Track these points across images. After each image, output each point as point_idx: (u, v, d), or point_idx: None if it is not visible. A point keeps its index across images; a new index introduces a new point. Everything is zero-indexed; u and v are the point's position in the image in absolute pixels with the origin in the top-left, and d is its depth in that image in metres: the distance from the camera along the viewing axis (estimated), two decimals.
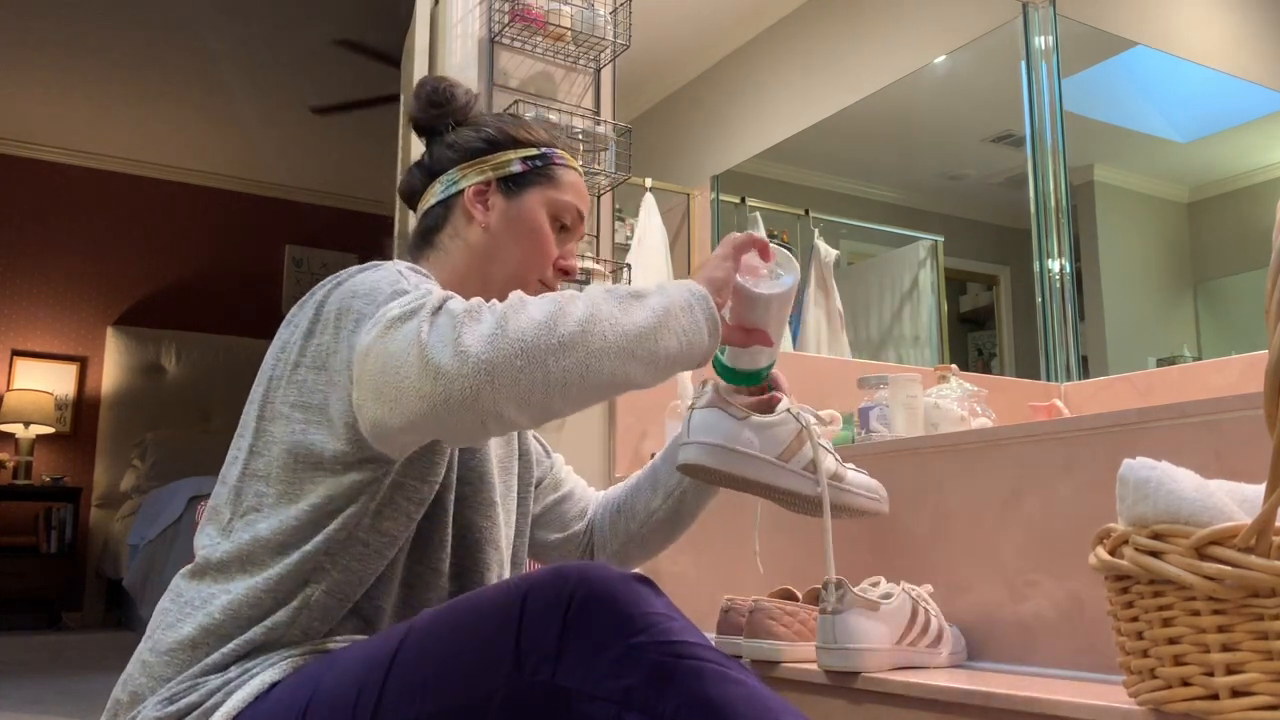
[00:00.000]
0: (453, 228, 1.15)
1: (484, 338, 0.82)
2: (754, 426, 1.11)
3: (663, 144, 2.89)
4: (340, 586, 0.95)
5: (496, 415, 0.83)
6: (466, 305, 0.86)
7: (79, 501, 5.41)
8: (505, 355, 0.82)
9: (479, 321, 0.84)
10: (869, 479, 1.20)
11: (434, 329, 0.84)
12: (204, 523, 1.01)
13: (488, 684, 0.81)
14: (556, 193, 1.17)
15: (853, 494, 1.17)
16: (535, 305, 0.86)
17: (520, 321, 0.84)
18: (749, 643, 1.32)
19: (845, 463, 1.19)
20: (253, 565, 0.95)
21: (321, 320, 0.97)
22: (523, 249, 1.14)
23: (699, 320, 0.93)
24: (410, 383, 0.83)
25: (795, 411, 1.13)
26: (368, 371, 0.87)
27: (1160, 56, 2.95)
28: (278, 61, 4.94)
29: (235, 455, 1.01)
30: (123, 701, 0.94)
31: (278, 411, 0.98)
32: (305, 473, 0.95)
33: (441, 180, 1.17)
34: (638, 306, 0.90)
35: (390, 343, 0.86)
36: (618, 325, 0.87)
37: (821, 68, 2.99)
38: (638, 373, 0.89)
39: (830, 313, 2.77)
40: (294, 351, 0.98)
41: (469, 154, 1.16)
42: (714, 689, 0.78)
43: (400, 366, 0.84)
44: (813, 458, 1.13)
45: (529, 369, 0.82)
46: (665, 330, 0.90)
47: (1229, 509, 0.83)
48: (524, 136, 1.18)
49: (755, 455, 1.10)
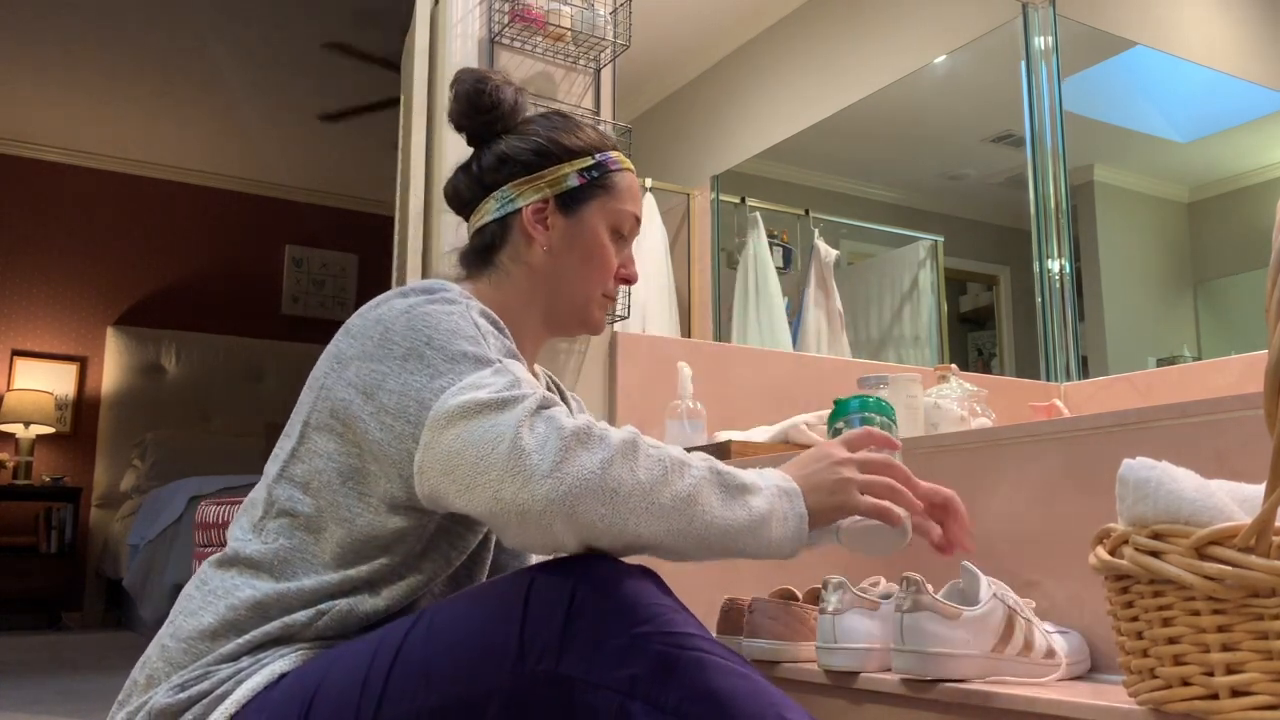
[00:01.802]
0: (513, 249, 1.14)
1: (584, 473, 0.81)
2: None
3: (663, 144, 2.89)
4: (367, 610, 0.96)
5: (556, 542, 0.83)
6: (576, 424, 0.84)
7: (79, 501, 5.41)
8: (595, 498, 0.81)
9: (587, 449, 0.83)
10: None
11: (535, 434, 0.83)
12: (240, 513, 1.02)
13: (492, 674, 0.82)
14: (616, 203, 1.15)
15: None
16: (645, 459, 0.85)
17: (623, 473, 0.83)
18: (749, 642, 1.32)
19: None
20: (285, 574, 0.96)
21: (386, 346, 0.93)
22: (587, 267, 1.14)
23: (788, 537, 0.90)
24: (490, 479, 0.82)
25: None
26: (443, 445, 0.85)
27: (1160, 56, 2.95)
28: (278, 62, 4.94)
29: (277, 454, 1.01)
30: (139, 682, 0.95)
31: (325, 424, 0.97)
32: (351, 498, 0.95)
33: (496, 197, 1.14)
34: (739, 505, 0.88)
35: (479, 428, 0.84)
36: (710, 515, 0.86)
37: (821, 68, 2.99)
38: (697, 556, 0.88)
39: (830, 313, 2.77)
40: (350, 369, 0.95)
41: (523, 169, 1.13)
42: (717, 680, 0.79)
43: (484, 457, 0.83)
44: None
45: (610, 518, 0.82)
46: (750, 536, 0.88)
47: (1229, 509, 0.83)
48: (576, 145, 1.15)
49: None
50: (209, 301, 6.19)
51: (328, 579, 0.95)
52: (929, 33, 3.00)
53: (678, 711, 0.78)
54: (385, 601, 0.96)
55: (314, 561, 0.96)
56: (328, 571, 0.95)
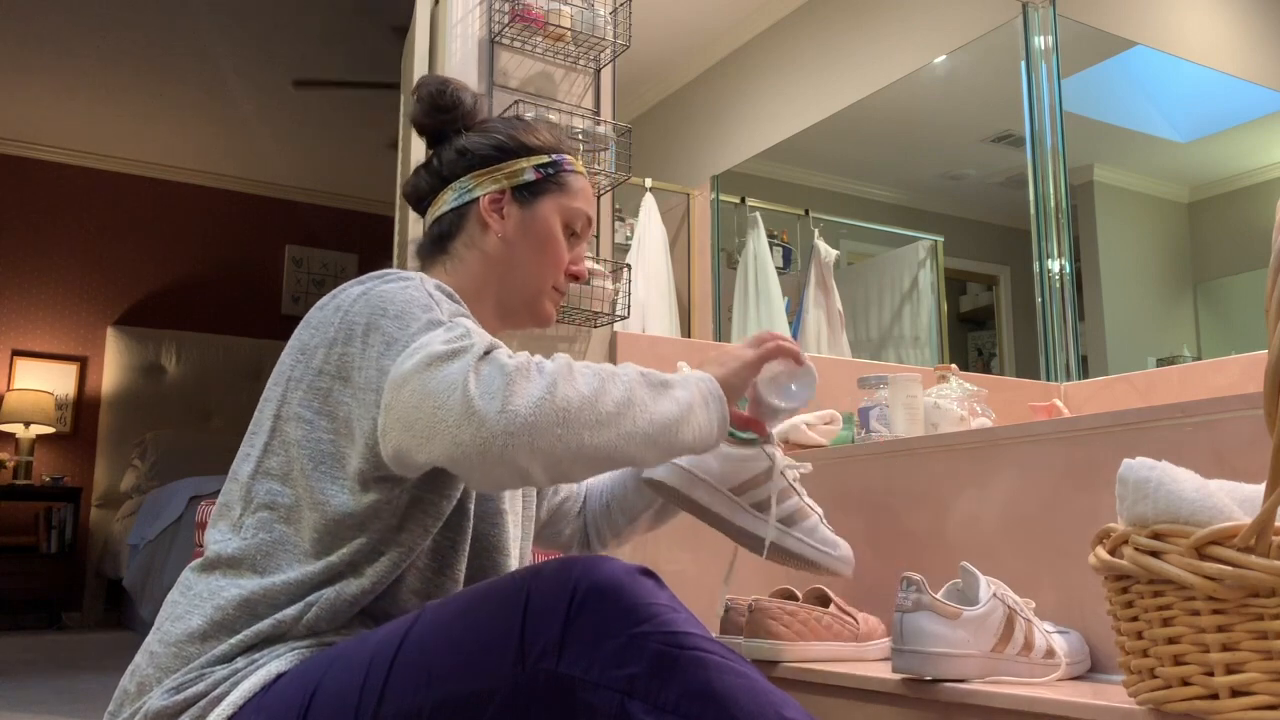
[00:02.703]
0: (468, 236, 1.17)
1: (533, 400, 0.84)
2: (720, 455, 1.14)
3: (663, 144, 2.89)
4: (354, 591, 0.96)
5: (523, 472, 0.86)
6: (517, 361, 0.88)
7: (79, 501, 5.41)
8: (549, 421, 0.84)
9: (529, 381, 0.86)
10: (833, 536, 1.18)
11: (481, 378, 0.85)
12: (214, 518, 1.02)
13: (492, 672, 0.82)
14: (569, 200, 1.19)
15: (803, 543, 1.15)
16: (581, 377, 0.89)
17: (567, 391, 0.87)
18: (749, 642, 1.32)
19: (823, 520, 1.18)
20: (269, 567, 0.96)
21: (346, 329, 0.98)
22: (539, 257, 1.17)
23: (713, 420, 0.98)
24: (448, 425, 0.84)
25: (771, 451, 1.15)
26: (401, 401, 0.88)
27: (1160, 56, 2.95)
28: (276, 61, 4.94)
29: (248, 453, 1.02)
30: (130, 691, 0.95)
31: (296, 414, 0.98)
32: (325, 482, 0.96)
33: (454, 187, 1.18)
34: (666, 397, 0.94)
35: (431, 380, 0.86)
36: (648, 412, 0.91)
37: (821, 68, 2.99)
38: (652, 458, 0.94)
39: (830, 313, 2.77)
40: (317, 357, 0.99)
41: (481, 161, 1.17)
42: (716, 680, 0.79)
43: (440, 407, 0.85)
44: (767, 498, 1.14)
45: (567, 437, 0.85)
46: (685, 424, 0.95)
47: (1229, 509, 0.83)
48: (534, 143, 1.19)
49: (711, 484, 1.14)
50: (209, 301, 6.19)
51: (310, 569, 0.95)
52: (929, 33, 3.00)
53: (677, 710, 0.78)
54: (370, 580, 0.96)
55: (294, 551, 0.96)
56: (309, 561, 0.95)
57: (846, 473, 1.57)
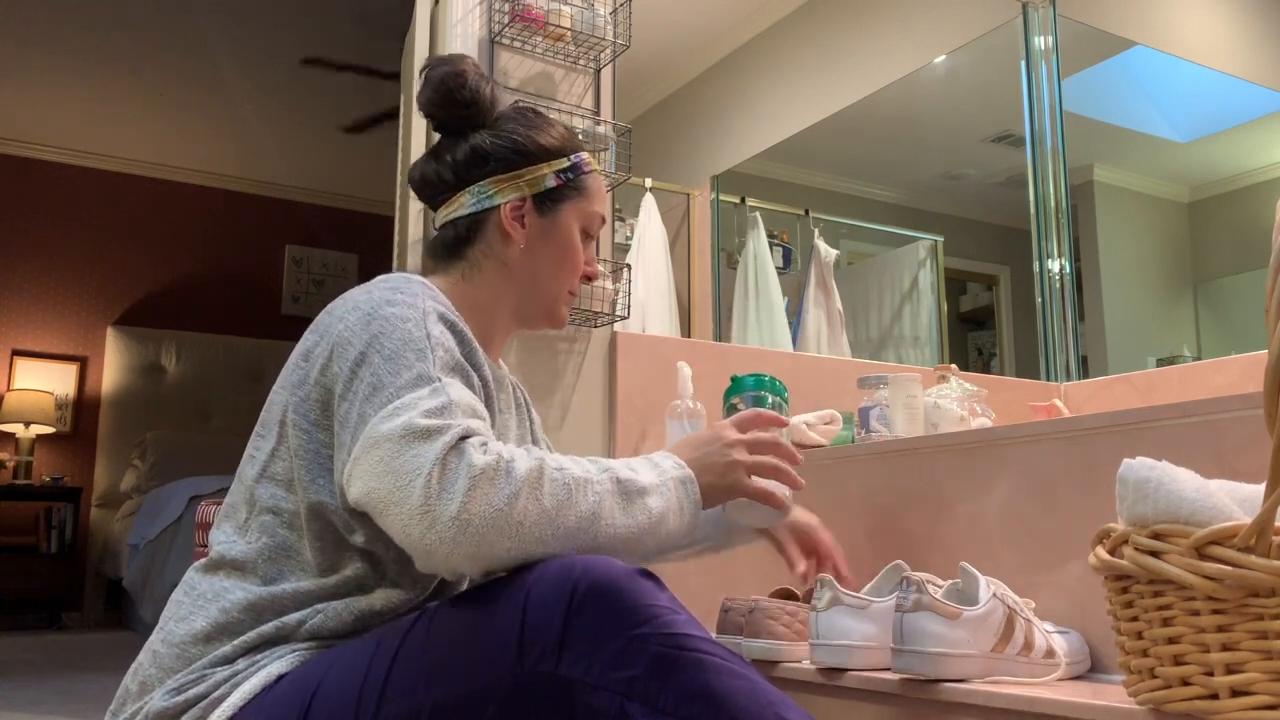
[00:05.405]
0: (486, 245, 1.15)
1: (489, 511, 0.84)
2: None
3: (663, 144, 2.89)
4: (361, 608, 0.96)
5: (458, 574, 0.89)
6: (486, 460, 0.86)
7: (79, 501, 5.40)
8: (499, 534, 0.85)
9: (493, 486, 0.85)
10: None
11: (446, 473, 0.85)
12: (220, 518, 1.02)
13: (492, 674, 0.82)
14: (587, 204, 1.18)
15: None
16: (549, 487, 0.88)
17: (528, 504, 0.86)
18: (749, 643, 1.32)
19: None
20: (274, 575, 0.96)
21: (343, 346, 0.96)
22: (559, 266, 1.17)
23: (684, 525, 0.98)
24: (402, 510, 0.85)
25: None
26: (368, 464, 0.88)
27: (1160, 56, 2.94)
28: (277, 61, 4.94)
29: (253, 454, 1.01)
30: (132, 690, 0.95)
31: (294, 420, 0.99)
32: (324, 495, 0.97)
33: (471, 191, 1.15)
34: (638, 507, 0.93)
35: (399, 457, 0.86)
36: (613, 526, 0.91)
37: (821, 68, 2.99)
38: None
39: (830, 313, 2.77)
40: (315, 367, 0.99)
41: (501, 165, 1.15)
42: (716, 681, 0.79)
43: (399, 488, 0.85)
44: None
45: (515, 550, 0.86)
46: (652, 534, 0.94)
47: (1229, 509, 0.83)
48: (552, 144, 1.17)
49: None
50: (209, 301, 6.19)
51: (320, 582, 0.95)
52: (929, 33, 3.00)
53: (676, 712, 0.78)
54: (380, 603, 0.97)
55: (299, 560, 0.96)
56: (316, 574, 0.96)
57: (846, 473, 1.57)
